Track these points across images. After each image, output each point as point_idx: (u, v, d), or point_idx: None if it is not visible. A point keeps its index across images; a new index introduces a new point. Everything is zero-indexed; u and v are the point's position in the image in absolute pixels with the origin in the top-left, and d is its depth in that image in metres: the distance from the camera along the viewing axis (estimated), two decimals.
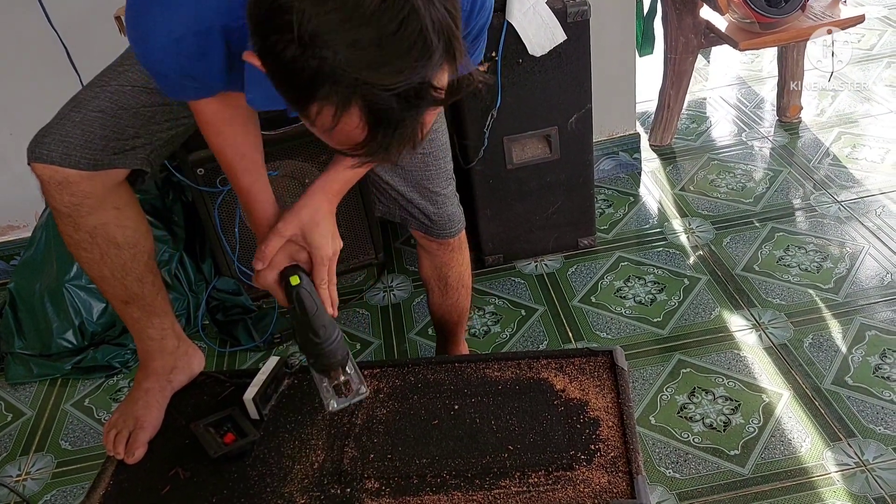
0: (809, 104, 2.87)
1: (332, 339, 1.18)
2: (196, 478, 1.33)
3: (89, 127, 1.20)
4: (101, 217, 1.26)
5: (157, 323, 1.40)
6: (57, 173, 1.20)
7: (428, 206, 1.52)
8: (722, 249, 2.26)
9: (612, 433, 1.31)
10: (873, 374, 1.80)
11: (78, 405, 2.06)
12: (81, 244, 1.29)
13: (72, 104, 1.23)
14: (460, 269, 1.67)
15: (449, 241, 1.59)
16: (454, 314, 1.75)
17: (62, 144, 1.19)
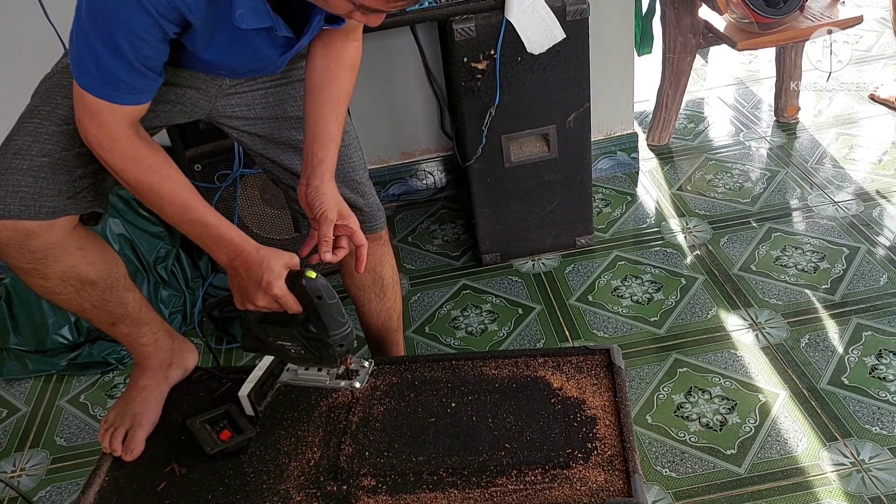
0: (807, 105, 2.87)
1: (348, 323, 1.23)
2: (192, 474, 1.33)
3: (40, 173, 1.16)
4: (67, 261, 1.22)
5: (146, 330, 1.39)
6: (18, 229, 1.16)
7: (358, 199, 1.50)
8: (719, 249, 2.26)
9: (609, 432, 1.31)
10: (869, 374, 1.80)
11: (73, 401, 2.06)
12: (55, 290, 1.25)
13: (11, 152, 1.17)
14: (392, 263, 1.65)
15: (380, 233, 1.57)
16: (394, 317, 1.69)
17: (17, 196, 1.14)
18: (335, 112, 1.33)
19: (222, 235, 1.19)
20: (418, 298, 2.23)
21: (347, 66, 1.34)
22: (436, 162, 2.61)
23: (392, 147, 2.57)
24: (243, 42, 1.14)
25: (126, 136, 1.13)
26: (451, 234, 2.49)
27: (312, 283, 1.16)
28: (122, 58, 1.04)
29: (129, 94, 1.09)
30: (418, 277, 2.32)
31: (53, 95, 1.21)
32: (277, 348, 1.29)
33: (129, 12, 1.01)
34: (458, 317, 2.15)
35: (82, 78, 1.08)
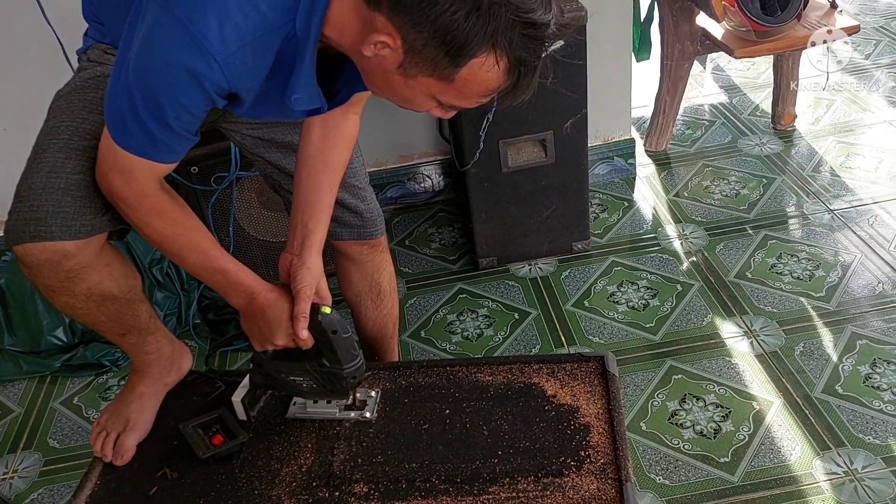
0: (804, 112, 2.88)
1: (360, 355, 1.26)
2: (184, 479, 1.33)
3: (77, 192, 1.14)
4: (94, 278, 1.21)
5: (151, 339, 1.39)
6: (57, 250, 1.14)
7: (358, 204, 1.50)
8: (715, 256, 2.26)
9: (602, 439, 1.31)
10: (863, 383, 1.81)
11: (67, 403, 2.05)
12: (77, 306, 1.24)
13: (45, 170, 1.14)
14: (390, 269, 1.64)
15: (379, 239, 1.57)
16: (390, 324, 1.69)
17: (59, 217, 1.13)
18: (330, 183, 1.32)
19: (240, 281, 1.21)
20: (414, 302, 2.23)
21: (346, 138, 1.34)
22: (433, 165, 2.61)
23: (390, 150, 2.56)
24: (282, 110, 1.14)
25: (154, 192, 1.12)
26: (449, 237, 2.49)
27: (328, 319, 1.20)
28: (165, 125, 1.03)
29: (167, 154, 1.08)
30: (415, 281, 2.32)
31: (77, 111, 1.20)
32: (289, 384, 1.31)
33: (183, 88, 0.99)
34: (454, 321, 2.14)
35: (121, 136, 1.05)
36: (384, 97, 1.07)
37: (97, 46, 1.27)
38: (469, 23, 0.89)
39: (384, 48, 0.94)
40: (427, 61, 0.94)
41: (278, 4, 0.98)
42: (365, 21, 0.96)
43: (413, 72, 0.96)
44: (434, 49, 0.92)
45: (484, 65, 0.93)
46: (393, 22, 0.92)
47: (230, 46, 0.96)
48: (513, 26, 0.90)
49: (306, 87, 1.06)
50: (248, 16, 0.96)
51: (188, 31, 0.94)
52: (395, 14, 0.91)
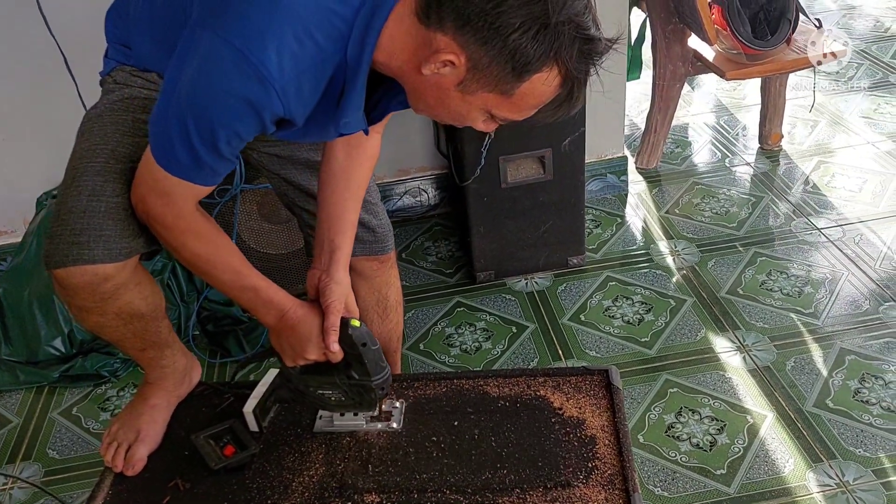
0: (790, 133, 2.95)
1: (388, 367, 1.29)
2: (196, 489, 1.34)
3: (118, 215, 1.16)
4: (126, 298, 1.23)
5: (168, 353, 1.41)
6: (98, 273, 1.16)
7: (371, 219, 1.53)
8: (706, 272, 2.31)
9: (608, 451, 1.35)
10: (853, 397, 1.86)
11: (65, 414, 2.05)
12: (106, 325, 1.26)
13: (86, 194, 1.16)
14: (397, 285, 1.67)
15: (389, 254, 1.60)
16: (394, 339, 1.72)
17: (101, 240, 1.15)
18: (354, 199, 1.35)
19: (270, 298, 1.23)
20: (412, 315, 2.25)
21: (369, 157, 1.37)
22: (430, 180, 2.65)
23: (388, 164, 2.60)
24: (325, 132, 1.16)
25: (190, 213, 1.14)
26: (445, 251, 2.53)
27: (358, 332, 1.23)
28: (215, 150, 1.04)
29: (210, 177, 1.10)
30: (412, 294, 2.35)
31: (111, 133, 1.21)
32: (318, 398, 1.33)
33: (240, 116, 1.01)
34: (452, 334, 2.18)
35: (167, 161, 1.07)
36: (430, 114, 1.09)
37: (122, 69, 1.28)
38: (537, 40, 0.93)
39: (446, 66, 0.98)
40: (491, 77, 0.97)
41: (332, 34, 1.00)
42: (421, 42, 0.99)
43: (473, 88, 0.99)
44: (500, 66, 0.95)
45: (545, 79, 0.98)
46: (457, 41, 0.95)
47: (287, 75, 0.98)
48: (574, 42, 0.95)
49: (355, 111, 1.09)
50: (304, 45, 0.99)
51: (248, 62, 0.96)
52: (462, 33, 0.95)
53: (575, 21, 0.94)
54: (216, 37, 0.98)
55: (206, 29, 0.99)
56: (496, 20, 0.93)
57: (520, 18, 0.93)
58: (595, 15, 0.98)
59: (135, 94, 1.25)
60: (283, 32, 0.97)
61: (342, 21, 1.01)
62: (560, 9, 0.93)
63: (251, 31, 0.97)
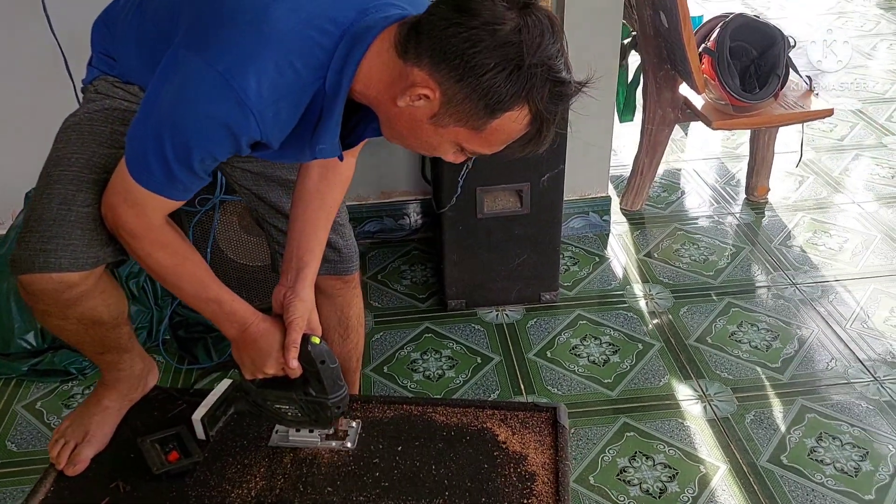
0: (778, 186, 2.97)
1: (346, 386, 1.31)
2: (136, 492, 1.35)
3: (86, 225, 1.19)
4: (89, 304, 1.25)
5: (126, 357, 1.43)
6: (63, 281, 1.18)
7: (338, 240, 1.56)
8: (678, 318, 2.32)
9: (545, 489, 1.35)
10: (808, 455, 1.86)
11: (29, 407, 2.07)
12: (66, 328, 1.28)
13: (56, 201, 1.18)
14: (359, 305, 1.68)
15: (353, 275, 1.62)
16: (354, 359, 1.73)
17: (69, 249, 1.17)
18: (326, 219, 1.38)
19: (234, 311, 1.25)
20: (380, 337, 2.27)
21: (343, 179, 1.40)
22: (413, 204, 2.68)
23: (372, 186, 2.63)
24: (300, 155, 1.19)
25: (159, 225, 1.16)
26: (420, 276, 2.55)
27: (317, 349, 1.25)
28: (189, 168, 1.07)
29: (182, 192, 1.12)
30: (383, 316, 2.36)
31: (87, 143, 1.23)
32: (274, 412, 1.35)
33: (217, 138, 1.04)
34: (417, 359, 2.19)
35: (140, 174, 1.09)
36: (402, 143, 1.12)
37: (104, 78, 1.30)
38: (510, 81, 0.97)
39: (420, 100, 1.01)
40: (463, 113, 1.00)
41: (311, 63, 1.04)
42: (397, 74, 1.03)
43: (446, 121, 1.02)
44: (473, 102, 0.99)
45: (516, 118, 1.01)
46: (433, 76, 0.99)
47: (266, 101, 1.02)
48: (545, 84, 0.98)
49: (331, 138, 1.12)
50: (284, 73, 1.02)
51: (229, 86, 1.00)
52: (438, 70, 0.98)
53: (547, 64, 0.98)
54: (200, 60, 1.01)
55: (190, 50, 1.03)
56: (472, 59, 0.96)
57: (494, 59, 0.96)
58: (567, 59, 1.02)
59: (115, 105, 1.28)
60: (264, 60, 1.01)
61: (322, 51, 1.04)
62: (534, 52, 0.96)
63: (234, 58, 1.00)
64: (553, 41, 0.99)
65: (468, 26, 0.96)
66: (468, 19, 0.97)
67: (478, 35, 0.96)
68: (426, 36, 0.99)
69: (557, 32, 1.00)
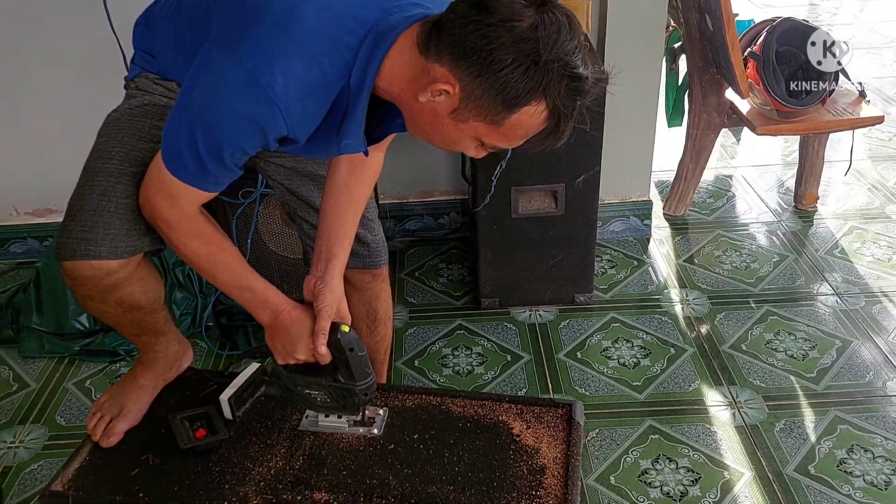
0: (827, 195, 2.91)
1: (373, 374, 1.36)
2: (164, 465, 1.42)
3: (126, 215, 1.25)
4: (127, 290, 1.33)
5: (163, 340, 1.51)
6: (102, 268, 1.25)
7: (366, 234, 1.60)
8: (713, 325, 2.30)
9: (555, 483, 1.38)
10: (837, 466, 1.83)
11: (79, 385, 2.18)
12: (106, 311, 1.37)
13: (97, 193, 1.25)
14: (388, 299, 1.73)
15: (381, 269, 1.66)
16: (381, 350, 1.77)
17: (108, 238, 1.24)
18: (354, 212, 1.43)
19: (267, 298, 1.32)
20: (414, 332, 2.32)
21: (371, 174, 1.45)
22: (453, 204, 2.72)
23: (413, 185, 2.68)
24: (326, 150, 1.24)
25: (194, 215, 1.23)
26: (457, 274, 2.58)
27: (346, 337, 1.30)
28: (220, 161, 1.14)
29: (214, 185, 1.19)
30: (418, 312, 2.41)
31: (127, 138, 1.31)
32: (304, 397, 1.40)
33: (245, 133, 1.10)
34: (448, 355, 2.23)
35: (175, 166, 1.16)
36: (424, 138, 1.17)
37: (145, 75, 1.38)
38: (527, 76, 1.00)
39: (441, 95, 1.05)
40: (482, 108, 1.04)
41: (337, 61, 1.09)
42: (419, 71, 1.07)
43: (465, 116, 1.07)
44: (491, 97, 1.02)
45: (533, 112, 1.04)
46: (453, 72, 1.03)
47: (293, 98, 1.07)
48: (561, 80, 1.01)
49: (356, 134, 1.17)
50: (310, 71, 1.07)
51: (258, 84, 1.05)
52: (457, 66, 1.02)
53: (564, 60, 1.01)
54: (230, 58, 1.07)
55: (221, 49, 1.09)
56: (489, 56, 1.00)
57: (511, 55, 0.99)
58: (586, 55, 1.04)
59: (154, 101, 1.35)
60: (291, 58, 1.06)
61: (348, 50, 1.09)
62: (550, 48, 1.00)
63: (262, 56, 1.06)
64: (570, 37, 1.01)
65: (486, 23, 1.00)
66: (486, 17, 1.00)
67: (495, 32, 0.99)
68: (446, 33, 1.03)
69: (575, 29, 1.03)
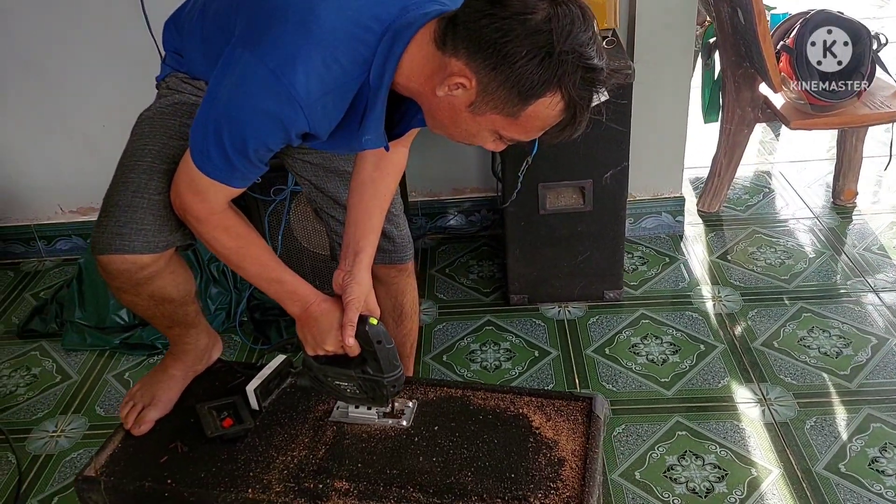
0: (866, 190, 2.85)
1: (401, 366, 1.37)
2: (192, 453, 1.47)
3: (157, 211, 1.29)
4: (159, 283, 1.37)
5: (193, 332, 1.55)
6: (136, 262, 1.29)
7: (392, 230, 1.62)
8: (745, 321, 2.28)
9: (572, 475, 1.38)
10: (868, 465, 1.80)
11: (118, 377, 2.26)
12: (138, 304, 1.41)
13: (130, 190, 1.30)
14: (413, 293, 1.74)
15: (407, 264, 1.68)
16: (407, 344, 1.79)
17: (141, 233, 1.28)
18: (380, 206, 1.46)
19: (295, 290, 1.35)
20: (443, 327, 2.34)
21: (396, 169, 1.47)
22: (484, 201, 2.73)
23: (444, 182, 2.70)
24: (349, 145, 1.27)
25: (223, 209, 1.27)
26: (487, 271, 2.60)
27: (374, 329, 1.32)
28: (245, 157, 1.17)
29: (241, 181, 1.23)
30: (447, 307, 2.43)
31: (159, 136, 1.36)
32: (334, 388, 1.43)
33: (269, 130, 1.13)
34: (476, 350, 2.24)
35: (203, 162, 1.19)
36: (444, 132, 1.19)
37: (175, 75, 1.43)
38: (542, 68, 1.01)
39: (458, 89, 1.07)
40: (498, 100, 1.06)
41: (356, 58, 1.12)
42: (436, 66, 1.09)
43: (483, 109, 1.08)
44: (507, 90, 1.04)
45: (549, 104, 1.05)
46: (469, 66, 1.05)
47: (314, 95, 1.11)
48: (576, 71, 1.02)
49: (376, 129, 1.20)
50: (330, 69, 1.10)
51: (280, 82, 1.09)
52: (473, 59, 1.04)
53: (578, 51, 1.02)
54: (253, 57, 1.11)
55: (245, 49, 1.13)
56: (504, 48, 1.02)
57: (526, 47, 1.01)
58: (601, 46, 1.05)
59: (184, 99, 1.40)
60: (311, 56, 1.09)
61: (366, 47, 1.12)
62: (564, 39, 1.01)
63: (284, 55, 1.09)
64: (584, 29, 1.03)
65: (500, 17, 1.01)
66: (500, 10, 1.02)
67: (509, 25, 1.01)
68: (462, 28, 1.05)
69: (588, 20, 1.04)
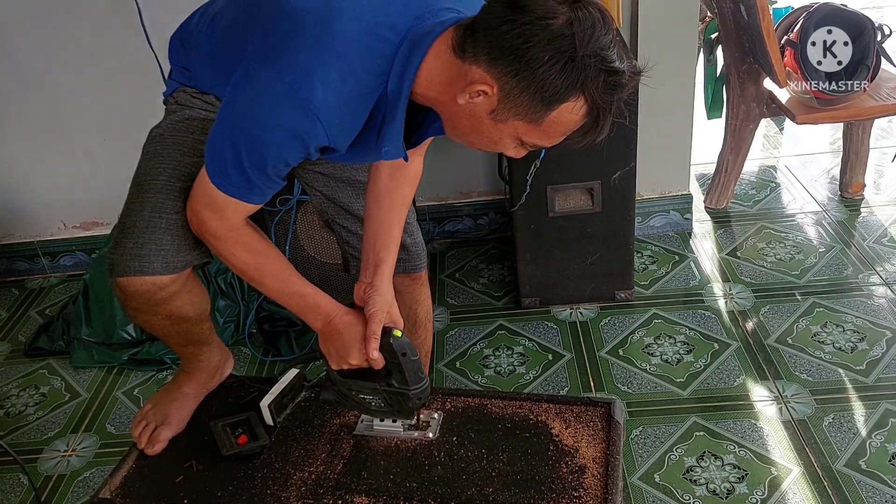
0: (875, 182, 2.83)
1: (426, 378, 1.35)
2: (207, 472, 1.45)
3: (176, 231, 1.29)
4: (176, 303, 1.36)
5: (206, 350, 1.54)
6: (155, 283, 1.29)
7: (406, 238, 1.60)
8: (758, 318, 2.26)
9: (594, 482, 1.37)
10: (889, 461, 1.78)
11: (128, 393, 2.24)
12: (155, 323, 1.40)
13: (148, 209, 1.29)
14: (428, 302, 1.73)
15: (421, 273, 1.67)
16: (422, 353, 1.74)
17: (160, 254, 1.28)
18: (399, 216, 1.44)
19: (317, 304, 1.33)
20: (455, 333, 2.32)
21: (411, 177, 1.46)
22: (492, 204, 2.71)
23: (451, 186, 2.68)
24: (367, 156, 1.26)
25: (241, 226, 1.26)
26: (497, 275, 2.58)
27: (399, 341, 1.30)
28: (263, 173, 1.15)
29: (259, 196, 1.21)
30: (458, 313, 2.41)
31: (172, 153, 1.34)
32: (359, 402, 1.41)
33: (287, 145, 1.11)
34: (489, 355, 2.22)
35: (220, 180, 1.17)
36: (464, 140, 1.17)
37: (183, 90, 1.41)
38: (564, 73, 1.00)
39: (479, 96, 1.05)
40: (521, 107, 1.04)
41: (373, 69, 1.10)
42: (456, 74, 1.07)
43: (504, 116, 1.07)
44: (530, 96, 1.02)
45: (572, 108, 1.04)
46: (490, 72, 1.03)
47: (332, 108, 1.09)
48: (599, 74, 1.01)
49: (395, 140, 1.18)
50: (347, 81, 1.09)
51: (297, 96, 1.07)
52: (495, 66, 1.02)
53: (600, 55, 1.00)
54: (269, 72, 1.09)
55: (260, 64, 1.11)
56: (526, 54, 1.00)
57: (548, 53, 0.99)
58: (622, 49, 1.04)
59: (194, 115, 1.38)
60: (328, 70, 1.07)
61: (383, 58, 1.10)
62: (586, 43, 0.99)
63: (300, 69, 1.07)
64: (605, 32, 1.01)
65: (521, 22, 1.00)
66: (521, 15, 1.00)
67: (531, 30, 0.99)
68: (482, 34, 1.03)
69: (609, 24, 1.03)
